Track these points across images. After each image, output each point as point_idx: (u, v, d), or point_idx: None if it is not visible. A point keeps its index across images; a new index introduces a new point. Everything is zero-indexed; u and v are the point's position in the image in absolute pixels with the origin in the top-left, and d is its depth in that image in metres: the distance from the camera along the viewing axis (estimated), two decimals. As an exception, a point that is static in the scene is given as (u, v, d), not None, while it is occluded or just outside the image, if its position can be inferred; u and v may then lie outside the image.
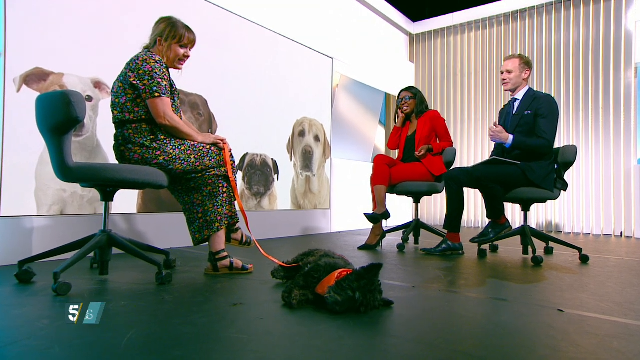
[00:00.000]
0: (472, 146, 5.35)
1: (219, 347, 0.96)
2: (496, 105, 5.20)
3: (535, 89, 3.09)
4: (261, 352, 0.92)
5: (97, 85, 2.44)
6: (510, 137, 2.51)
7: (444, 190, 2.82)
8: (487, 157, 5.05)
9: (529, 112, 2.50)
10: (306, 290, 1.37)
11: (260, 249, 1.85)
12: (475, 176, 2.48)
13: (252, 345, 0.97)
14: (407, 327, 1.14)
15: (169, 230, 2.80)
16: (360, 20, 5.00)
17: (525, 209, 2.60)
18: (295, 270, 1.64)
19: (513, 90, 2.63)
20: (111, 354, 0.90)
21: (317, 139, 4.18)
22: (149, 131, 1.71)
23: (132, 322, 1.15)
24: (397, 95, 3.31)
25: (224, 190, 1.87)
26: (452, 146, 3.11)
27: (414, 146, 3.14)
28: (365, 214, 2.93)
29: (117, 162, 1.78)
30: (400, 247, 2.91)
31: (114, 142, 1.78)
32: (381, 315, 1.26)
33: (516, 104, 2.61)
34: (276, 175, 3.70)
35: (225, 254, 1.86)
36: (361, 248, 2.95)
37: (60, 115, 1.48)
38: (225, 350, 0.93)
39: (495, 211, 2.54)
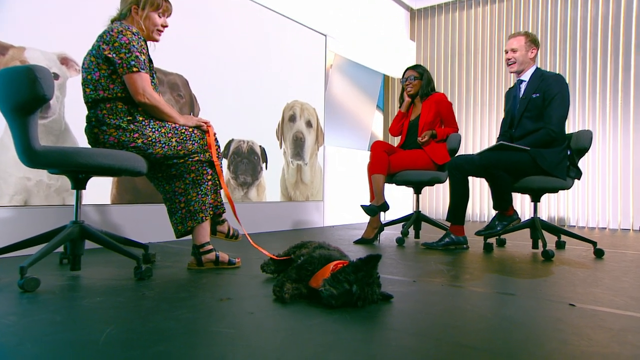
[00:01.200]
0: (478, 131, 5.40)
1: (207, 341, 0.98)
2: (504, 87, 5.25)
3: (546, 70, 3.11)
4: (253, 346, 0.95)
5: (64, 61, 2.42)
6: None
7: (447, 179, 2.85)
8: (493, 142, 5.11)
9: (537, 94, 2.53)
10: (299, 283, 1.39)
11: (250, 239, 1.87)
12: (481, 164, 2.51)
13: (243, 340, 0.99)
14: (408, 321, 1.17)
15: (147, 224, 2.80)
16: (356, -7, 4.99)
17: (536, 199, 2.64)
18: (287, 264, 1.66)
19: (519, 72, 2.66)
20: (89, 350, 0.91)
21: (309, 124, 4.19)
22: (125, 111, 1.71)
23: (110, 317, 1.16)
24: (402, 74, 3.32)
25: (209, 177, 1.88)
26: (457, 132, 3.14)
27: (417, 132, 3.16)
28: (361, 206, 2.96)
29: (89, 147, 1.78)
30: (400, 241, 2.95)
31: (86, 124, 1.77)
32: (380, 309, 1.29)
33: (523, 86, 2.64)
34: (264, 164, 3.70)
35: (210, 247, 1.88)
36: (357, 242, 2.98)
37: (25, 93, 1.46)
38: (213, 345, 0.95)
39: (502, 202, 2.59)
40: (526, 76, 2.64)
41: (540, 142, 2.48)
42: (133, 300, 1.34)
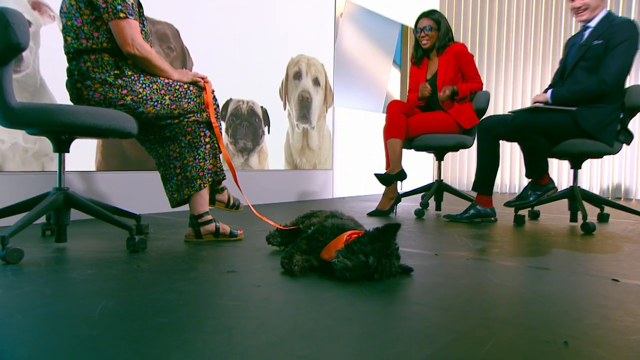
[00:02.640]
0: (510, 89, 5.32)
1: (212, 313, 1.01)
2: (546, 36, 5.12)
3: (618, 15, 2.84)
4: (262, 318, 0.98)
5: (36, 6, 2.39)
6: (548, 92, 2.50)
7: (474, 144, 2.85)
8: (528, 102, 5.04)
9: (599, 41, 2.41)
10: (310, 255, 1.42)
11: (253, 209, 1.90)
12: (514, 125, 2.49)
13: (251, 312, 1.02)
14: (430, 295, 1.20)
15: (137, 193, 2.84)
16: None
17: (576, 165, 2.63)
18: (295, 235, 1.69)
19: (589, 20, 2.51)
20: (85, 322, 0.95)
21: (316, 82, 4.15)
22: (112, 64, 1.71)
23: (104, 290, 1.20)
24: (414, 23, 3.23)
25: (207, 140, 1.89)
26: (481, 88, 3.09)
27: (436, 92, 3.12)
28: (376, 175, 2.97)
29: (71, 104, 1.78)
30: (419, 214, 2.97)
31: (67, 78, 1.77)
32: (399, 283, 1.32)
33: (587, 33, 2.52)
34: (267, 127, 3.70)
35: (209, 217, 1.91)
36: (371, 214, 3.01)
37: (-4, 41, 1.46)
38: (219, 317, 0.99)
39: (537, 169, 2.58)
40: (594, 22, 2.49)
41: (587, 93, 2.40)
42: (128, 273, 1.38)
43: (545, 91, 2.63)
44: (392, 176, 2.92)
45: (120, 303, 1.08)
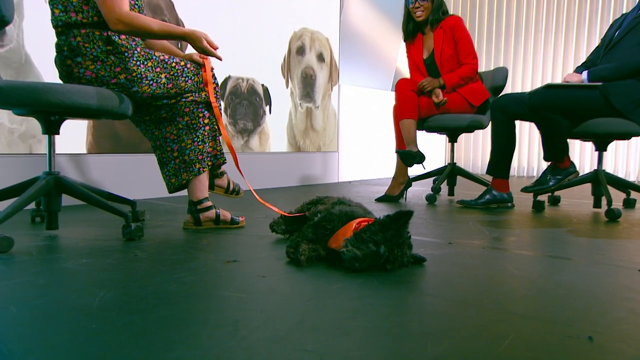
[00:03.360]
0: (530, 67, 5.28)
1: (216, 306, 1.03)
2: (572, 5, 5.05)
3: None
4: (268, 311, 0.99)
5: (23, -23, 2.38)
6: (584, 73, 2.47)
7: (489, 124, 2.84)
8: (556, 81, 4.99)
9: None
10: (316, 244, 1.43)
11: (255, 195, 1.91)
12: (531, 104, 2.47)
13: (256, 304, 1.04)
14: (444, 286, 1.21)
15: (131, 177, 2.85)
16: None
17: (601, 147, 2.62)
18: (300, 222, 1.70)
19: None
20: (83, 314, 0.97)
21: (320, 58, 4.13)
22: (104, 40, 1.70)
23: (101, 281, 1.21)
24: None
25: (206, 121, 1.89)
26: (475, 72, 3.04)
27: (437, 70, 3.08)
28: (398, 151, 2.94)
29: (60, 82, 1.78)
30: (431, 199, 2.98)
31: (56, 54, 1.77)
32: (412, 273, 1.33)
33: None
34: (268, 107, 3.70)
35: (209, 203, 1.92)
36: (380, 200, 3.02)
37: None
38: (223, 309, 1.00)
39: (556, 151, 2.57)
40: None
41: (624, 68, 2.36)
42: (125, 263, 1.40)
43: (577, 71, 2.60)
44: (415, 153, 2.88)
45: (118, 294, 1.10)
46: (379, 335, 0.88)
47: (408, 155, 2.88)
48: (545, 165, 4.74)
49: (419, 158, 2.87)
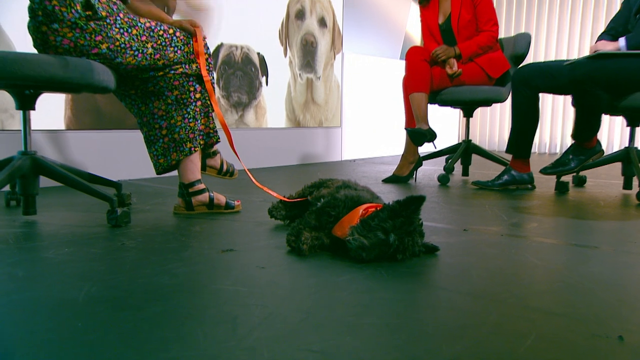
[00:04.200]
0: (554, 34, 5.22)
1: (213, 301, 1.03)
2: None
3: None
4: (269, 306, 1.00)
5: None
6: (621, 40, 2.42)
7: (509, 97, 2.82)
8: (576, 49, 4.95)
9: None
10: (320, 232, 1.44)
11: (252, 177, 1.91)
12: (574, 77, 2.40)
13: (255, 299, 1.04)
14: (459, 278, 1.22)
15: (114, 156, 2.85)
16: None
17: (634, 123, 2.60)
18: (301, 208, 1.71)
19: None
20: (68, 310, 0.97)
21: (322, 23, 4.08)
22: (82, 3, 1.67)
23: (86, 272, 1.22)
24: None
25: (197, 95, 1.88)
26: (495, 40, 3.01)
27: (454, 37, 3.05)
28: (407, 130, 2.93)
29: (35, 52, 1.76)
30: (443, 180, 2.98)
31: (29, 19, 1.74)
32: (423, 264, 1.34)
33: None
34: (264, 78, 3.67)
35: (202, 186, 1.93)
36: (387, 181, 3.03)
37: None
38: (221, 304, 1.01)
39: (588, 130, 2.55)
40: None
41: None
42: (111, 252, 1.40)
43: (600, 38, 2.57)
44: (425, 132, 2.87)
45: (106, 288, 1.10)
46: (389, 333, 0.89)
47: (418, 133, 2.87)
48: (570, 141, 4.71)
49: (430, 136, 2.86)
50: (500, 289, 1.15)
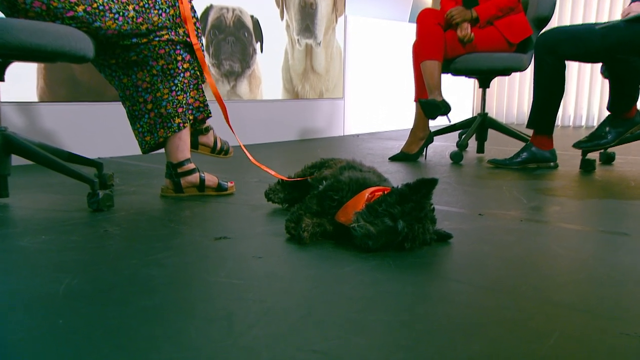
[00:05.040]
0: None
1: (205, 294, 1.04)
2: None
3: None
4: (267, 301, 1.01)
5: None
6: None
7: (531, 66, 2.80)
8: (606, 12, 4.90)
9: None
10: (322, 218, 1.45)
11: (249, 155, 1.91)
12: (609, 45, 2.37)
13: (252, 293, 1.05)
14: (474, 270, 1.23)
15: (93, 131, 2.84)
16: None
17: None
18: (302, 190, 1.71)
19: None
20: (48, 307, 0.98)
21: (323, -19, 4.04)
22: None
23: (66, 263, 1.23)
24: None
25: (185, 65, 1.87)
26: (517, 2, 2.98)
27: None
28: (420, 101, 2.91)
29: (2, 16, 1.74)
30: (456, 158, 2.98)
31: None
32: (435, 253, 1.34)
33: None
34: (259, 44, 3.65)
35: (192, 165, 1.93)
36: (395, 159, 3.03)
37: None
38: (214, 299, 1.02)
39: (625, 100, 2.52)
40: None
41: None
42: (93, 240, 1.41)
43: (634, 0, 2.53)
44: (439, 103, 2.85)
45: (88, 280, 1.11)
46: (398, 331, 0.90)
47: (431, 105, 2.86)
48: (596, 112, 4.68)
49: (444, 109, 2.85)
50: (518, 281, 1.15)
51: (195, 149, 2.04)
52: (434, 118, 2.92)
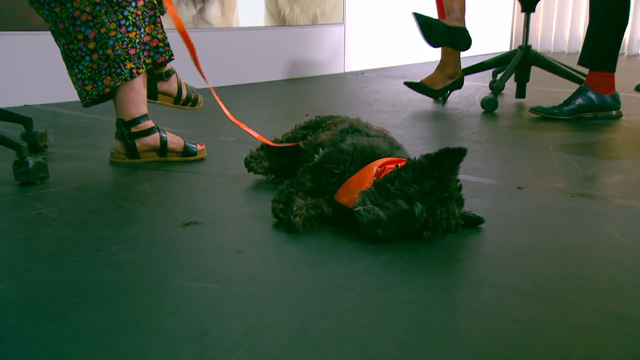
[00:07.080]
0: None
1: (171, 304, 1.03)
2: None
3: None
4: (250, 314, 1.00)
5: None
6: None
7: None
8: None
9: None
10: (318, 197, 1.44)
11: (224, 108, 1.87)
12: None
13: (231, 303, 1.04)
14: (514, 269, 1.22)
15: (17, 70, 2.80)
16: None
17: None
18: (291, 157, 1.70)
19: None
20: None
21: None
22: None
23: (-10, 258, 1.22)
24: None
25: (138, -9, 1.83)
26: None
27: None
28: (416, 14, 2.84)
29: None
30: (489, 105, 2.96)
31: None
32: (462, 244, 1.34)
33: None
34: (233, -46, 3.58)
35: (150, 123, 1.91)
36: (410, 85, 3.03)
37: None
38: (183, 312, 1.01)
39: None
40: None
41: None
42: (23, 227, 1.39)
43: None
44: (460, 31, 2.82)
45: (18, 287, 1.09)
46: (415, 353, 0.90)
47: (432, 26, 2.82)
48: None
49: (451, 39, 2.82)
50: (570, 285, 1.15)
51: (153, 99, 2.02)
52: (458, 49, 2.89)
